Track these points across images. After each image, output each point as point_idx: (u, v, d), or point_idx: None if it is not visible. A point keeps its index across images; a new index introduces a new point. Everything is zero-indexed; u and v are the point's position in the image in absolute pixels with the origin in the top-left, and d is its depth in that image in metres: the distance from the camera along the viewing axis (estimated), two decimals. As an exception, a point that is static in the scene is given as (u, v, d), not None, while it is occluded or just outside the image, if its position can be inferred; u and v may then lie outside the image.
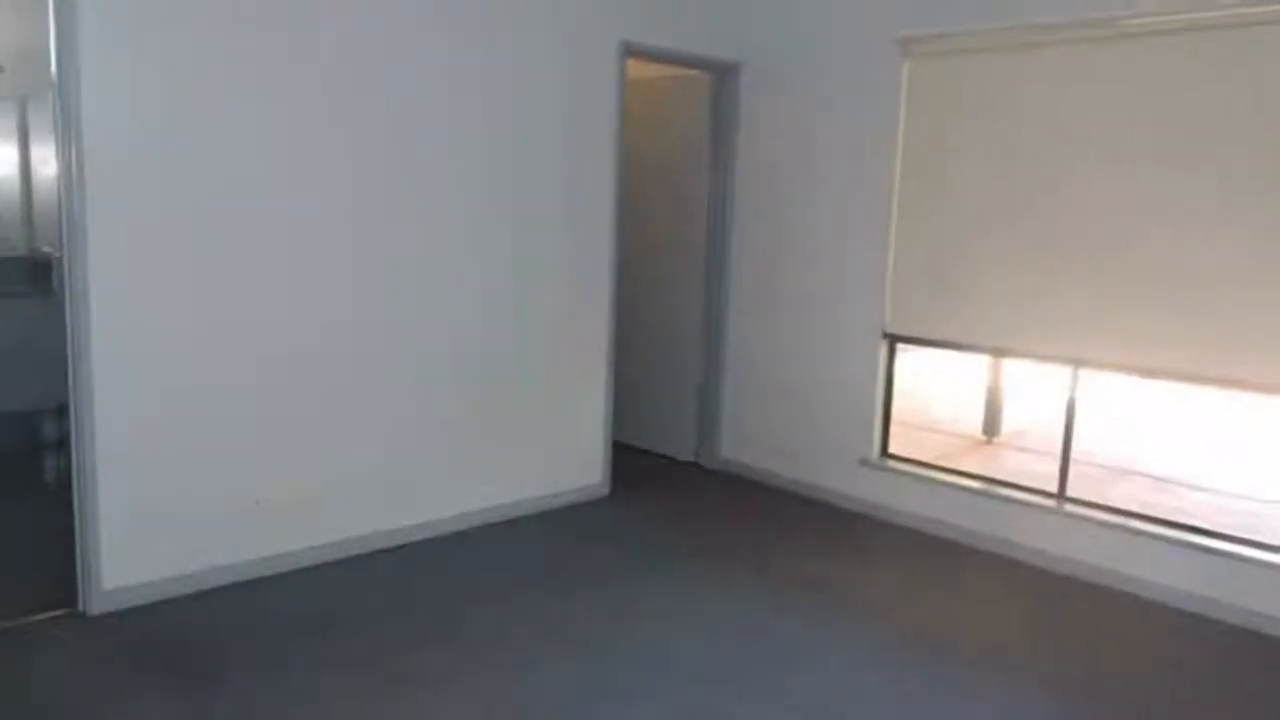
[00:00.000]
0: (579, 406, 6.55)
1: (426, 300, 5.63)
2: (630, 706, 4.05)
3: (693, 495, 6.97)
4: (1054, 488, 5.91)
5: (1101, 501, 5.81)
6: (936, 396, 11.09)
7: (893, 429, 6.68)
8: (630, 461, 7.33)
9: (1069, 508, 5.78)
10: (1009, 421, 9.67)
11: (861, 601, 5.24)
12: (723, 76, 7.16)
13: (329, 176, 5.16)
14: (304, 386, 5.21)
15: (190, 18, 4.62)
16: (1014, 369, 9.74)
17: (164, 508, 4.80)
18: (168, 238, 4.66)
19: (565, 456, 6.53)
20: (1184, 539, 5.34)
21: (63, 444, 5.53)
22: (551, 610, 4.94)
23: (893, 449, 6.67)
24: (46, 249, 6.96)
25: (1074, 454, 5.86)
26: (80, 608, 4.66)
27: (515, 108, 5.87)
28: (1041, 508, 5.85)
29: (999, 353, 6.40)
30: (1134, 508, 5.80)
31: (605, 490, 6.75)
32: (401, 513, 5.68)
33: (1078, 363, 5.69)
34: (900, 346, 6.55)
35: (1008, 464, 8.53)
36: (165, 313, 4.70)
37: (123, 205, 4.51)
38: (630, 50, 6.42)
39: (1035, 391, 10.45)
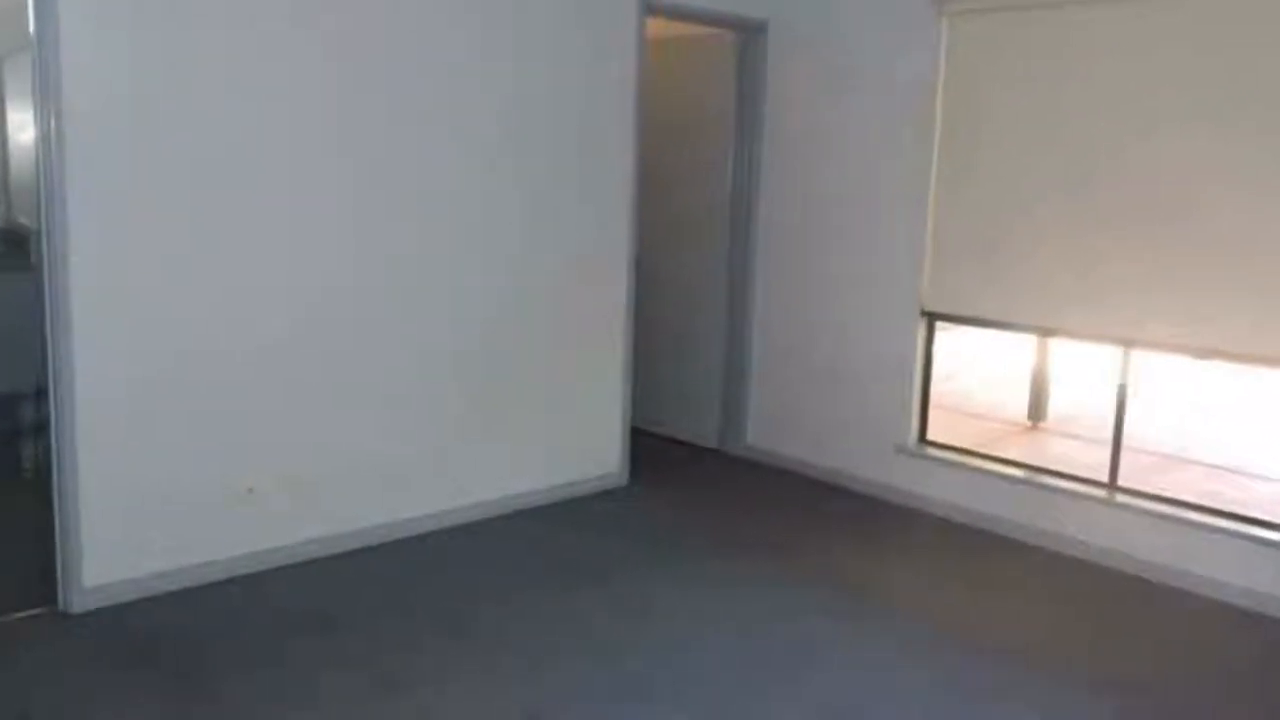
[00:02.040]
0: (595, 391, 6.53)
1: (430, 278, 5.61)
2: (645, 709, 4.05)
3: (716, 484, 6.95)
4: (1104, 476, 5.86)
5: (1155, 491, 5.77)
6: (978, 379, 11.04)
7: (931, 413, 6.64)
8: (650, 449, 7.30)
9: (1120, 498, 5.73)
10: (1056, 406, 9.61)
11: (895, 597, 5.22)
12: (749, 36, 7.10)
13: (328, 150, 5.14)
14: (300, 370, 5.20)
15: (178, -29, 4.61)
16: (1062, 349, 9.68)
17: (150, 499, 4.80)
18: (155, 210, 4.65)
19: (580, 444, 6.51)
20: (1244, 531, 5.29)
21: (41, 430, 5.54)
22: (562, 607, 4.93)
23: (931, 435, 6.63)
24: (24, 221, 6.96)
25: (1126, 440, 5.81)
26: (60, 606, 4.66)
27: (525, 72, 5.82)
28: (1091, 498, 5.81)
29: (1045, 332, 6.36)
30: (1190, 498, 5.74)
31: (623, 479, 6.74)
32: (403, 504, 5.67)
33: (1130, 343, 5.64)
34: (940, 325, 6.51)
35: (1054, 451, 8.47)
36: (152, 291, 4.68)
37: (106, 174, 4.49)
38: (650, 8, 6.37)
39: (1084, 374, 10.39)
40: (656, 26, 6.74)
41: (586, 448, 6.54)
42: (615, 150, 6.34)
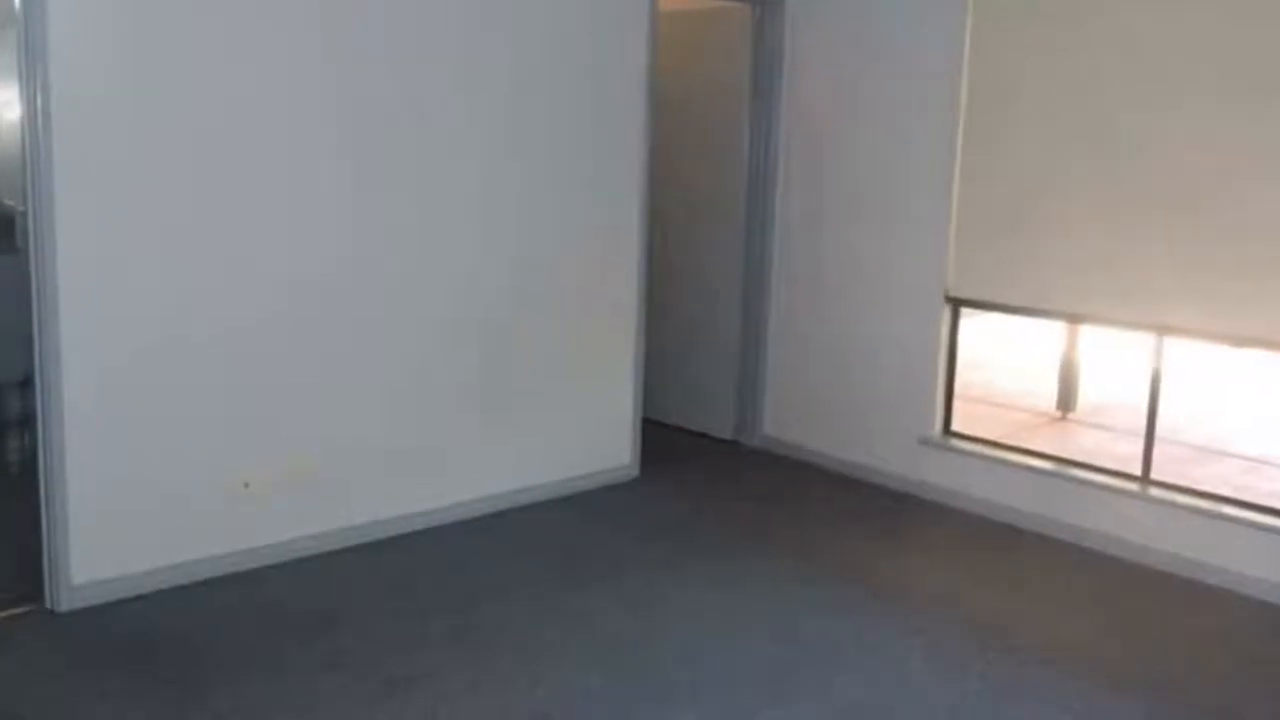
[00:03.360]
0: (605, 380, 6.50)
1: (433, 267, 5.58)
2: (657, 710, 4.03)
3: (731, 477, 6.92)
4: (1136, 469, 5.81)
5: (1190, 485, 5.73)
6: (1005, 368, 11.00)
7: (956, 404, 6.60)
8: (663, 440, 7.25)
9: (1153, 491, 5.68)
10: (1086, 396, 9.57)
11: (918, 595, 5.19)
12: (766, 8, 7.03)
13: (327, 132, 5.11)
14: (299, 360, 5.17)
15: (169, -60, 4.56)
16: (1092, 337, 9.63)
17: (142, 493, 4.78)
18: (147, 191, 4.62)
19: (590, 435, 6.48)
20: (1283, 527, 5.27)
21: (27, 421, 5.53)
22: (572, 605, 4.91)
23: (956, 426, 6.59)
24: (9, 203, 6.95)
25: (1159, 432, 5.77)
26: (47, 604, 4.64)
27: (530, 48, 5.78)
28: (1122, 491, 5.75)
29: (1075, 319, 6.32)
30: (1226, 491, 5.72)
31: (634, 472, 6.71)
32: (406, 499, 5.64)
33: (1163, 330, 5.59)
34: (965, 311, 6.46)
35: (1084, 443, 8.43)
36: (144, 276, 4.66)
37: (95, 153, 4.46)
38: (663, -20, 6.34)
39: (1115, 362, 10.33)
40: (669, 0, 6.71)
41: (596, 440, 6.51)
42: (626, 130, 6.29)
